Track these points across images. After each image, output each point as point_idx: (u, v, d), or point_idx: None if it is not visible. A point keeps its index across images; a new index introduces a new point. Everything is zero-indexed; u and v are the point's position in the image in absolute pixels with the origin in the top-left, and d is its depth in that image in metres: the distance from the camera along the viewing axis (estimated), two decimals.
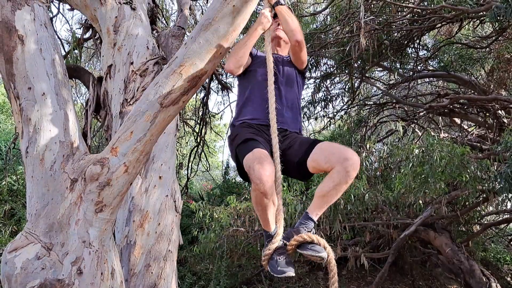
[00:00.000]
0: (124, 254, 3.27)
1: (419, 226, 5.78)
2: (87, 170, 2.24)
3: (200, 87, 2.53)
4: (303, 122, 8.33)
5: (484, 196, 5.49)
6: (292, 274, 1.91)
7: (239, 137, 2.23)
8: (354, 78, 8.07)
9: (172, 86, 2.18)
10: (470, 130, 8.27)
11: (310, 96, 8.45)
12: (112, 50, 3.93)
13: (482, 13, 5.22)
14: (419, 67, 7.54)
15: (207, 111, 7.50)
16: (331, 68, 8.08)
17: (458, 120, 8.11)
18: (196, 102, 9.03)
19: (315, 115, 8.80)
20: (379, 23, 6.03)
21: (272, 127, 2.10)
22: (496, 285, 5.65)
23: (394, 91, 8.58)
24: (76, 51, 5.49)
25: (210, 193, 9.47)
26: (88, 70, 5.58)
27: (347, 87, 8.53)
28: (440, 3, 5.30)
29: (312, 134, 10.15)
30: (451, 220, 6.37)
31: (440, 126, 8.05)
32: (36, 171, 2.33)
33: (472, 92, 7.23)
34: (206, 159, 8.32)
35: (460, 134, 8.30)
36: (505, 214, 6.99)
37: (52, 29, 2.82)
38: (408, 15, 6.10)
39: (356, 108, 8.80)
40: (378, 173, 6.41)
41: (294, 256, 2.05)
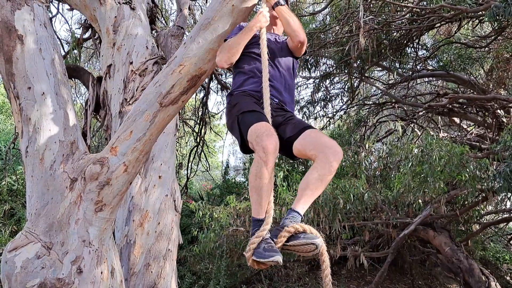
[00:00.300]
0: (124, 253, 3.28)
1: (418, 225, 5.78)
2: (86, 169, 2.25)
3: (199, 87, 2.53)
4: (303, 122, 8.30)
5: (483, 195, 5.49)
6: (280, 260, 1.82)
7: (241, 105, 2.20)
8: (354, 77, 8.09)
9: (171, 85, 2.19)
10: (469, 129, 8.27)
11: (309, 96, 8.47)
12: (111, 50, 3.93)
13: (481, 12, 5.23)
14: (418, 67, 7.55)
15: (206, 111, 7.52)
16: (331, 68, 8.11)
17: (457, 120, 8.11)
18: (196, 102, 9.05)
19: (315, 114, 8.82)
20: (378, 23, 6.04)
21: (265, 94, 2.15)
22: (495, 284, 5.65)
23: (394, 91, 8.59)
24: (76, 51, 5.50)
25: (209, 193, 9.46)
26: (87, 70, 5.59)
27: (346, 86, 8.55)
28: (439, 2, 5.30)
29: None
30: (451, 219, 6.37)
31: (439, 126, 8.07)
32: (36, 170, 2.33)
33: (471, 91, 7.24)
34: (205, 159, 8.33)
35: (459, 134, 8.31)
36: (504, 213, 7.01)
37: (52, 29, 2.83)
38: (407, 15, 6.10)
39: (355, 107, 8.81)
40: (378, 172, 6.42)
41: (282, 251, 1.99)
